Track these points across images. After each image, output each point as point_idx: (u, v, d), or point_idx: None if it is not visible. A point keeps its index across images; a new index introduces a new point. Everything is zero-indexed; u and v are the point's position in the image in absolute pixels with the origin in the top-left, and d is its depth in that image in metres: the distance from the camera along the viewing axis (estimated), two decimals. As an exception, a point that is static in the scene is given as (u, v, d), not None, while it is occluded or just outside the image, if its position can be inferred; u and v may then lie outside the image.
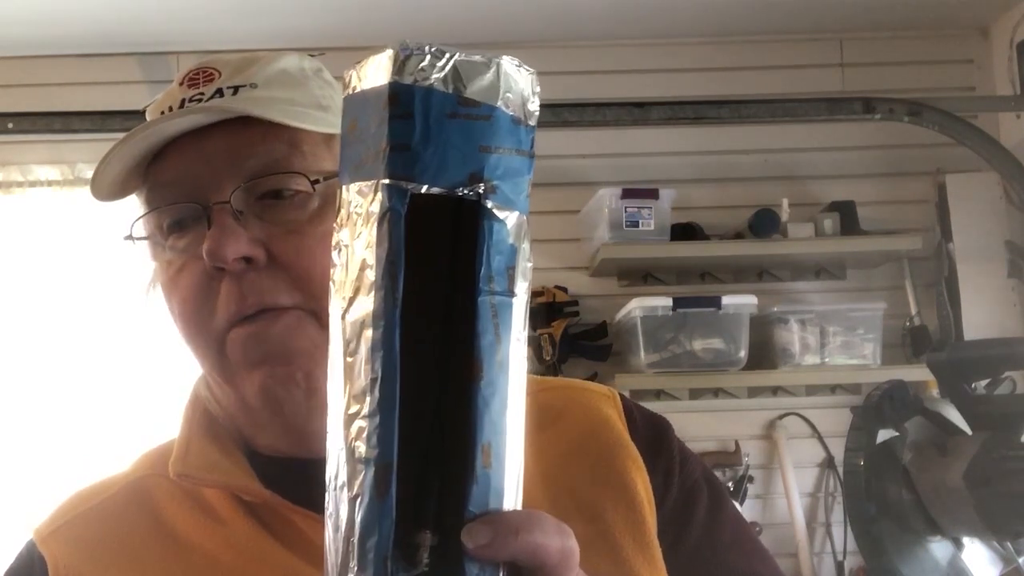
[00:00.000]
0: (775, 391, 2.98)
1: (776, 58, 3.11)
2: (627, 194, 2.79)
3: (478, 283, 0.49)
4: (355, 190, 0.51)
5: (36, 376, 2.88)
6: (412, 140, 0.49)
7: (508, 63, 0.52)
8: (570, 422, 0.84)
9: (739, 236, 2.93)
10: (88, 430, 2.82)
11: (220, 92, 0.78)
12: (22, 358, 2.89)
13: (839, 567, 2.88)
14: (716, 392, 2.98)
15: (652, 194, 2.81)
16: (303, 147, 0.77)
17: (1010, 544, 2.07)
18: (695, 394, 2.97)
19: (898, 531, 2.12)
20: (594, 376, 2.88)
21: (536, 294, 2.89)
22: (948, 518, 2.09)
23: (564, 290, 2.94)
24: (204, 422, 0.83)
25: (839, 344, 2.84)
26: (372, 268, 0.49)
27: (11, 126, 2.61)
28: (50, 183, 2.96)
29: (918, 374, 2.65)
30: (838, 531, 2.90)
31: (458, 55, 0.50)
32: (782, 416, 2.98)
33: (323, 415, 0.53)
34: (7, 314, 2.91)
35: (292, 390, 0.75)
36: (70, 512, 0.82)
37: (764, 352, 2.87)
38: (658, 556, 0.78)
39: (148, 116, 0.81)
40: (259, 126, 0.76)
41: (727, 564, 0.82)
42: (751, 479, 2.92)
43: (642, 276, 3.02)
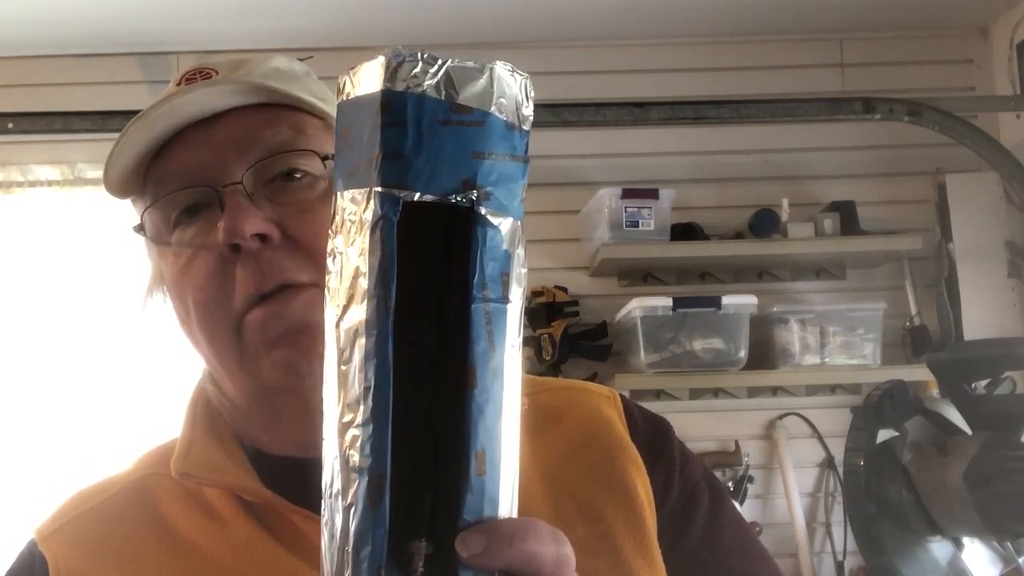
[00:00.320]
0: (775, 391, 2.98)
1: (776, 58, 3.11)
2: (627, 194, 2.79)
3: (472, 290, 0.49)
4: (349, 197, 0.51)
5: (37, 376, 2.88)
6: (404, 148, 0.48)
7: (501, 68, 0.51)
8: (570, 423, 0.84)
9: (739, 236, 2.93)
10: (89, 430, 2.82)
11: (221, 78, 0.79)
12: (23, 358, 2.89)
13: (839, 567, 2.88)
14: (716, 392, 2.98)
15: (652, 194, 2.81)
16: (307, 131, 0.78)
17: (1010, 544, 2.07)
18: (695, 394, 2.97)
19: (898, 531, 2.12)
20: (594, 376, 2.88)
21: (536, 294, 2.89)
22: (948, 518, 2.09)
23: (564, 290, 2.94)
24: (207, 422, 0.83)
25: (839, 344, 2.84)
26: (365, 276, 0.49)
27: (11, 126, 2.61)
28: (50, 183, 2.96)
29: (918, 374, 2.64)
30: (838, 531, 2.90)
31: (451, 61, 0.50)
32: (782, 416, 2.98)
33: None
34: (7, 314, 2.91)
35: (314, 363, 0.74)
36: (71, 512, 0.82)
37: (764, 352, 2.87)
38: (658, 557, 0.78)
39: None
40: (263, 113, 0.77)
41: (727, 565, 0.82)
42: (751, 479, 2.92)
43: (642, 276, 3.01)
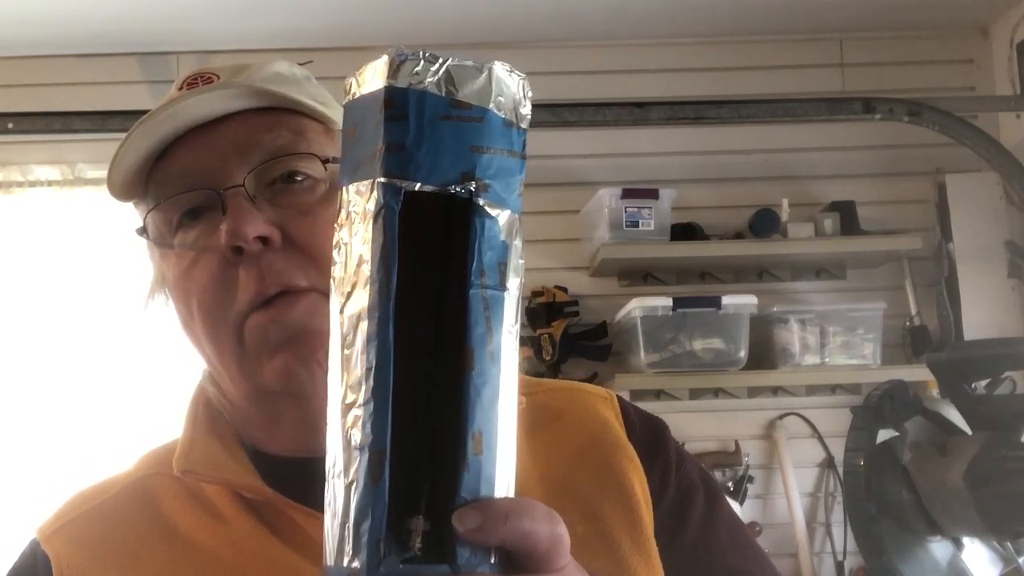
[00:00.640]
0: (775, 391, 2.98)
1: (776, 58, 3.11)
2: (627, 194, 2.79)
3: (470, 277, 0.51)
4: (353, 190, 0.53)
5: (37, 376, 2.88)
6: (407, 141, 0.51)
7: (500, 68, 0.54)
8: (568, 423, 0.85)
9: (739, 236, 2.94)
10: (90, 430, 2.82)
11: (223, 83, 0.80)
12: (23, 358, 2.89)
13: (839, 567, 2.88)
14: (716, 392, 2.98)
15: (652, 194, 2.81)
16: (307, 135, 0.79)
17: (1010, 544, 2.07)
18: (695, 394, 2.97)
19: (898, 531, 2.13)
20: (594, 376, 2.88)
21: (536, 294, 2.89)
22: (948, 518, 2.09)
23: (564, 290, 2.94)
24: (207, 421, 0.84)
25: (839, 344, 2.84)
26: (368, 263, 0.51)
27: (11, 126, 2.61)
28: (50, 183, 2.96)
29: (918, 374, 2.65)
30: (838, 531, 2.90)
31: (451, 60, 0.52)
32: (782, 416, 2.98)
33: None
34: (7, 314, 2.91)
35: (314, 370, 0.76)
36: (73, 511, 0.82)
37: (764, 352, 2.87)
38: (655, 555, 0.79)
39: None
40: (264, 117, 0.78)
41: (723, 563, 0.83)
42: (751, 479, 2.92)
43: (642, 276, 3.01)
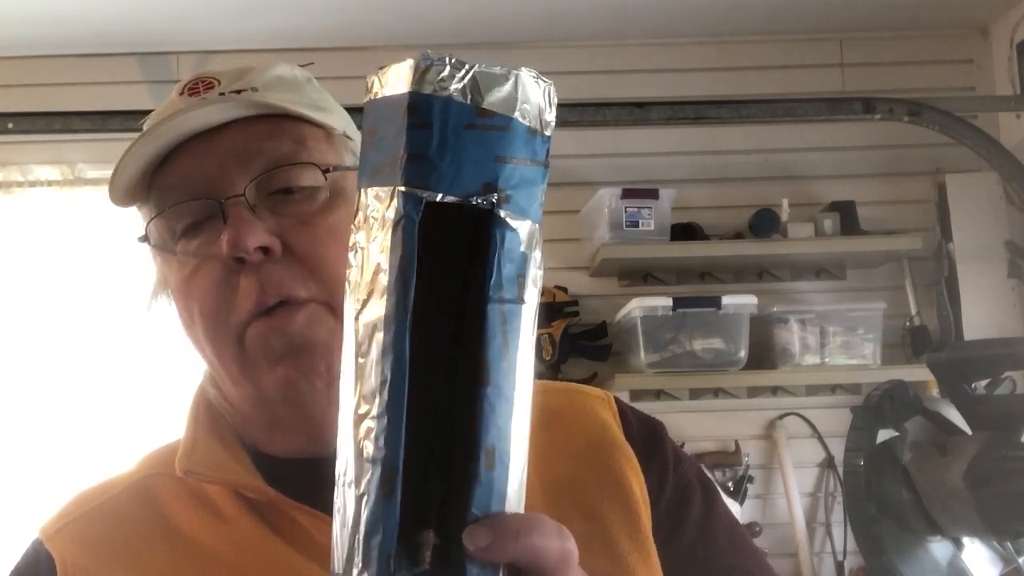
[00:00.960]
0: (775, 391, 2.98)
1: (776, 58, 3.11)
2: (627, 194, 2.79)
3: (488, 291, 0.50)
4: (372, 194, 0.52)
5: (38, 376, 2.88)
6: (429, 150, 0.50)
7: (526, 75, 0.53)
8: (567, 423, 0.85)
9: (739, 236, 2.94)
10: (91, 430, 2.82)
11: (223, 97, 0.79)
12: (23, 358, 2.89)
13: (839, 567, 2.88)
14: (716, 392, 2.98)
15: (652, 194, 2.81)
16: (308, 143, 0.79)
17: (1010, 544, 2.07)
18: (695, 394, 2.97)
19: (898, 531, 2.13)
20: (594, 376, 2.88)
21: (536, 294, 2.89)
22: (948, 518, 2.09)
23: (564, 290, 2.94)
24: (209, 421, 0.84)
25: (839, 344, 2.84)
26: (385, 273, 0.50)
27: (11, 126, 2.61)
28: (50, 183, 2.96)
29: (918, 374, 2.65)
30: (838, 531, 2.90)
31: (477, 66, 0.51)
32: (782, 416, 2.98)
33: (338, 409, 0.54)
34: (8, 314, 2.91)
35: (315, 381, 0.76)
36: (76, 511, 0.82)
37: (764, 352, 2.87)
38: (653, 553, 0.79)
39: (147, 127, 0.81)
40: (265, 124, 0.78)
41: (721, 563, 0.83)
42: (751, 479, 2.92)
43: (642, 276, 3.01)
